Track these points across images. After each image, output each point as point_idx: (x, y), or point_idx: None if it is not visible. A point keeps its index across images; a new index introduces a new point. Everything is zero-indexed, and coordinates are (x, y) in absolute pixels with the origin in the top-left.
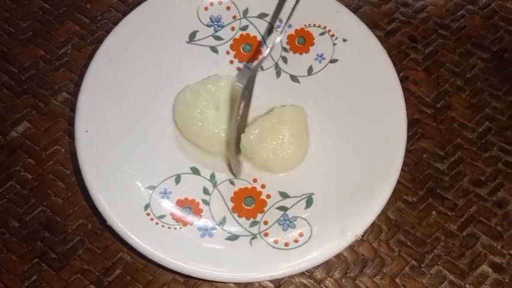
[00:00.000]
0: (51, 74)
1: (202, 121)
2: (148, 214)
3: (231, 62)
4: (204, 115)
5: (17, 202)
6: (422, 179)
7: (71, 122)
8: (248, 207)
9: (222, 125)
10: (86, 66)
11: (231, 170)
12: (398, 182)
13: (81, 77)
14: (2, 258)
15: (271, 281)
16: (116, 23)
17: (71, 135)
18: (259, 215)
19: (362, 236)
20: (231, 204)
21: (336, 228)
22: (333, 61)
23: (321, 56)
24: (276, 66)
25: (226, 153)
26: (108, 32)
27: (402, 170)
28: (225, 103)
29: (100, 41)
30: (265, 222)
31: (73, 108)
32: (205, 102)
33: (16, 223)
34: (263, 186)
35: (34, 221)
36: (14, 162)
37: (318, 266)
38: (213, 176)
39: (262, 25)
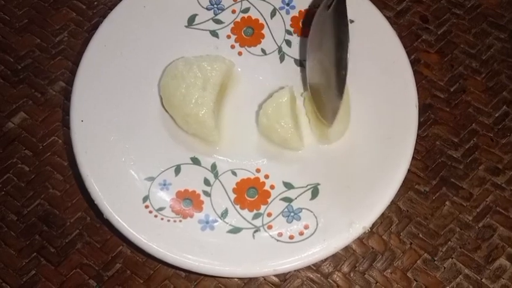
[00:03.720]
0: (47, 63)
1: (185, 96)
2: (146, 206)
3: (232, 46)
4: (189, 91)
5: (15, 195)
6: (435, 168)
7: (68, 112)
8: (251, 199)
9: (203, 107)
10: (82, 53)
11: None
12: (410, 170)
13: (78, 65)
14: (0, 253)
15: (276, 276)
16: (113, 8)
17: (68, 126)
18: (263, 207)
19: (371, 228)
20: (233, 196)
21: (344, 220)
22: None
23: None
24: (280, 50)
25: (203, 135)
26: (105, 17)
27: (414, 158)
28: (213, 86)
29: (97, 28)
30: (269, 214)
31: (69, 98)
32: (194, 79)
33: (14, 216)
34: (266, 177)
35: (32, 215)
36: (10, 154)
37: (326, 260)
38: (214, 167)
39: (265, 7)
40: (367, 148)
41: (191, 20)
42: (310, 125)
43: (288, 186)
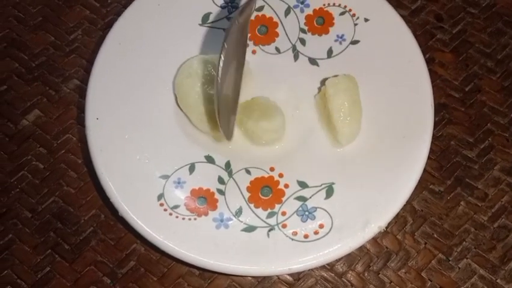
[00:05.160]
0: (61, 61)
1: (200, 95)
2: (161, 204)
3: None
4: (203, 89)
5: (29, 192)
6: (450, 168)
7: (82, 110)
8: (265, 198)
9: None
10: (96, 51)
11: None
12: (424, 170)
13: (92, 62)
14: (15, 250)
15: (290, 275)
16: (126, 6)
17: (82, 124)
18: (277, 206)
19: (386, 227)
20: (247, 194)
21: (359, 220)
22: (354, 42)
23: (341, 37)
24: (294, 48)
25: (213, 132)
26: (118, 15)
27: (429, 157)
28: None
29: (110, 26)
30: (283, 213)
31: (83, 96)
32: (209, 78)
33: (28, 213)
34: (281, 176)
35: (46, 212)
36: (25, 152)
37: (340, 259)
38: (228, 165)
39: (279, 5)
40: (382, 147)
41: (205, 18)
42: (322, 129)
43: (303, 185)
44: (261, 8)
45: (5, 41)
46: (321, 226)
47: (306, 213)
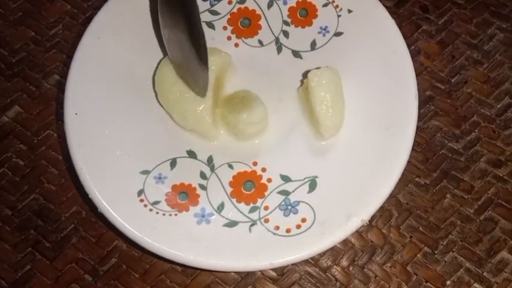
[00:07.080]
0: (42, 56)
1: (181, 92)
2: (141, 200)
3: (229, 38)
4: (185, 86)
5: (9, 189)
6: (436, 160)
7: (62, 106)
8: (248, 192)
9: (200, 102)
10: (77, 46)
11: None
12: (409, 163)
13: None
14: None
15: (273, 270)
16: (107, 0)
17: (63, 119)
18: (259, 200)
19: (370, 221)
20: (229, 189)
21: (342, 213)
22: (337, 34)
23: (325, 29)
24: (277, 41)
25: (202, 130)
26: (99, 10)
27: (414, 150)
28: (209, 81)
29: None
30: (266, 208)
31: (64, 91)
32: None
33: (8, 211)
34: (263, 170)
35: (27, 209)
36: (5, 148)
37: (324, 254)
38: (210, 160)
39: None
40: (366, 140)
41: None
42: (306, 122)
43: (286, 179)
44: (243, 1)
45: None
46: (303, 220)
47: (289, 207)
